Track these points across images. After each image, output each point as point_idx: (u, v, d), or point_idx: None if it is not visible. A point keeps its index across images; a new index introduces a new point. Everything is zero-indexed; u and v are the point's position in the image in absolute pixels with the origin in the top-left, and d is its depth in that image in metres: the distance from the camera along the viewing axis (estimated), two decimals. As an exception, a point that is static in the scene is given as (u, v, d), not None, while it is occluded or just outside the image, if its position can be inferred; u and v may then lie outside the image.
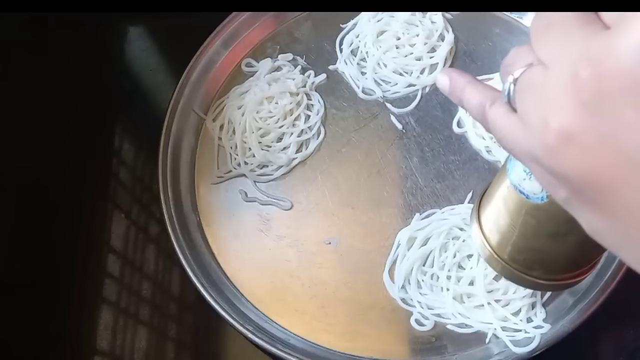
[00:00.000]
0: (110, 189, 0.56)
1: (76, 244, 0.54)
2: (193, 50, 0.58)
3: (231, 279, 0.50)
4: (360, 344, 0.47)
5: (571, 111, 0.21)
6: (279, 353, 0.45)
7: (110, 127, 0.59)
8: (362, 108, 0.56)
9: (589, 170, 0.22)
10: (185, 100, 0.56)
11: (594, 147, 0.21)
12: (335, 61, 0.58)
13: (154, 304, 0.51)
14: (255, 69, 0.58)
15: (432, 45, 0.57)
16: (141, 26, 0.65)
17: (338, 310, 0.48)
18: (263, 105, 0.54)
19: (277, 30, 0.60)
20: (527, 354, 0.44)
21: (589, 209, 0.23)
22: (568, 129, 0.21)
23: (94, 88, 0.61)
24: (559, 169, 0.23)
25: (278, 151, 0.53)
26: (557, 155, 0.22)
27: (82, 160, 0.58)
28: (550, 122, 0.22)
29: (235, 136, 0.54)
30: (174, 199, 0.51)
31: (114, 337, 0.50)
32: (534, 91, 0.23)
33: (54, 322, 0.51)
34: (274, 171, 0.53)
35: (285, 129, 0.54)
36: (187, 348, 0.50)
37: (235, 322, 0.46)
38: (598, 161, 0.21)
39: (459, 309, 0.46)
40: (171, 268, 0.52)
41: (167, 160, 0.53)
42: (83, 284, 0.52)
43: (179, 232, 0.50)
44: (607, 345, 0.48)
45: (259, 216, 0.52)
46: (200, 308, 0.51)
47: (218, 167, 0.54)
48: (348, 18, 0.59)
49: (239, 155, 0.53)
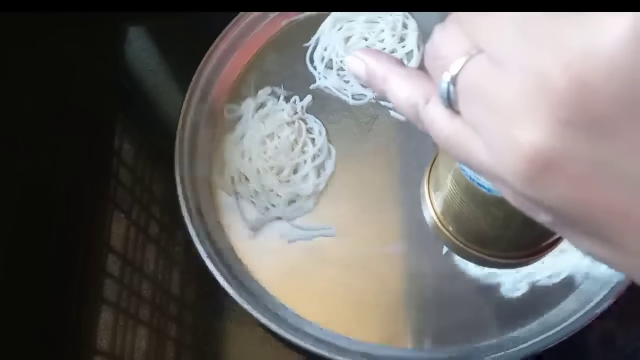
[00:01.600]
0: (110, 189, 0.56)
1: (76, 244, 0.54)
2: (193, 51, 0.58)
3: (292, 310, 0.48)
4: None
5: (549, 131, 0.16)
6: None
7: (110, 127, 0.59)
8: (358, 114, 0.56)
9: (583, 203, 0.17)
10: (187, 167, 0.53)
11: (588, 178, 0.16)
12: (313, 80, 0.57)
13: (154, 304, 0.51)
14: (240, 113, 0.56)
15: (400, 35, 0.58)
16: (141, 26, 0.65)
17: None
18: (266, 144, 0.53)
19: (244, 70, 0.59)
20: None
21: (586, 238, 0.18)
22: (548, 155, 0.16)
23: (94, 88, 0.61)
24: (540, 199, 0.17)
25: (300, 182, 0.52)
26: (535, 185, 0.17)
27: (82, 160, 0.58)
28: (521, 144, 0.16)
29: (251, 183, 0.52)
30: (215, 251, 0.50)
31: (114, 337, 0.50)
32: (488, 98, 0.17)
33: (54, 322, 0.51)
34: (305, 202, 0.52)
35: (297, 159, 0.53)
36: (187, 348, 0.50)
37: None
38: (597, 194, 0.16)
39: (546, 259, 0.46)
40: (171, 268, 0.52)
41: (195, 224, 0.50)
42: (83, 284, 0.52)
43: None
44: (605, 344, 0.48)
45: (308, 251, 0.50)
46: (200, 308, 0.51)
47: (244, 219, 0.52)
48: (308, 36, 0.59)
49: (263, 199, 0.52)
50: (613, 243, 0.17)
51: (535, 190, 0.17)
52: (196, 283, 0.52)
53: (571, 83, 0.15)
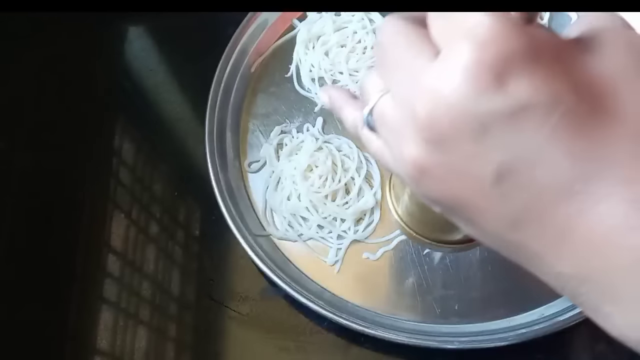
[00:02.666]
0: (110, 189, 0.56)
1: (76, 244, 0.54)
2: (193, 51, 0.58)
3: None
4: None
5: (419, 146, 0.22)
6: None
7: (110, 127, 0.59)
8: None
9: (449, 196, 0.23)
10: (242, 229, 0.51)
11: (445, 178, 0.23)
12: (313, 102, 0.57)
13: (154, 304, 0.51)
14: (261, 163, 0.55)
15: (373, 29, 0.58)
16: (141, 26, 0.65)
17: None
18: (309, 178, 0.52)
19: (244, 124, 0.57)
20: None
21: (463, 223, 0.25)
22: (420, 163, 0.23)
23: (94, 88, 0.61)
24: (426, 194, 0.24)
25: (358, 200, 0.52)
26: (420, 184, 0.24)
27: (81, 160, 0.58)
28: (406, 156, 0.23)
29: (310, 221, 0.51)
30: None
31: (114, 337, 0.50)
32: (387, 123, 0.24)
33: (54, 322, 0.51)
34: (372, 217, 0.52)
35: (345, 180, 0.52)
36: (187, 348, 0.50)
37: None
38: (452, 188, 0.23)
39: None
40: (171, 268, 0.52)
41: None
42: (83, 284, 0.52)
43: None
44: (601, 342, 0.48)
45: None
46: (200, 308, 0.51)
47: (326, 259, 0.51)
48: (285, 68, 0.58)
49: (331, 231, 0.51)
50: (474, 224, 0.24)
51: (420, 187, 0.24)
52: (196, 283, 0.52)
53: (426, 114, 0.21)
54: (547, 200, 0.21)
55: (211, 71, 0.56)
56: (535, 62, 0.20)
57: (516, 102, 0.20)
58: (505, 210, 0.22)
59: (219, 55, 0.57)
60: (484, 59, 0.20)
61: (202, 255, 0.53)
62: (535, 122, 0.20)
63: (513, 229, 0.22)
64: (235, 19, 0.58)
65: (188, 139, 0.58)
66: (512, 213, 0.22)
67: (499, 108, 0.20)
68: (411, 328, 0.47)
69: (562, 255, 0.22)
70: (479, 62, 0.20)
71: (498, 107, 0.20)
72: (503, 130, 0.21)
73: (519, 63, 0.20)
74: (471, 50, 0.20)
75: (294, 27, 0.60)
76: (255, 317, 0.50)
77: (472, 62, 0.20)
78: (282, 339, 0.49)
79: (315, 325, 0.49)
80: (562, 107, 0.20)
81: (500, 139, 0.21)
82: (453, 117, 0.21)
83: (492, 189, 0.22)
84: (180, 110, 0.59)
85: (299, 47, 0.59)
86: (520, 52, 0.20)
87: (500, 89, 0.20)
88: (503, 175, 0.21)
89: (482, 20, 0.20)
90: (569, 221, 0.21)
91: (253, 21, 0.59)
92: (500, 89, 0.20)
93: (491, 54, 0.20)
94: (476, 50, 0.20)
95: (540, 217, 0.22)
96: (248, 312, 0.50)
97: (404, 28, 0.23)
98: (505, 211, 0.22)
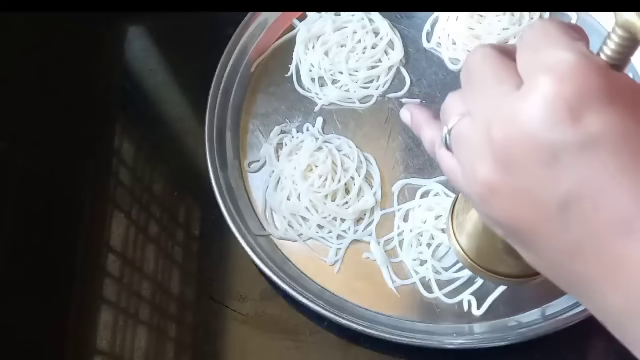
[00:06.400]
0: (110, 189, 0.56)
1: (76, 244, 0.54)
2: (193, 51, 0.58)
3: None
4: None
5: (491, 167, 0.24)
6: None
7: (110, 127, 0.59)
8: (374, 115, 0.56)
9: (513, 217, 0.25)
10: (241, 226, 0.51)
11: (512, 199, 0.24)
12: (313, 102, 0.57)
13: (154, 304, 0.51)
14: (261, 163, 0.55)
15: (373, 29, 0.58)
16: (141, 26, 0.65)
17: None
18: (309, 178, 0.52)
19: (244, 124, 0.57)
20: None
21: (520, 247, 0.26)
22: (490, 182, 0.24)
23: (94, 88, 0.61)
24: (490, 215, 0.26)
25: (358, 200, 0.52)
26: (486, 203, 0.25)
27: (82, 160, 0.58)
28: (477, 175, 0.25)
29: (310, 221, 0.51)
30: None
31: (114, 337, 0.50)
32: (464, 143, 0.26)
33: (54, 322, 0.51)
34: (372, 217, 0.51)
35: (345, 180, 0.52)
36: (187, 348, 0.50)
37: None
38: (517, 211, 0.24)
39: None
40: (171, 268, 0.52)
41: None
42: (83, 284, 0.52)
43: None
44: (601, 341, 0.48)
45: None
46: (200, 308, 0.51)
47: (326, 259, 0.50)
48: (285, 68, 0.58)
49: (331, 230, 0.51)
50: (533, 249, 0.25)
51: (485, 207, 0.25)
52: (196, 283, 0.52)
53: (502, 137, 0.23)
54: (606, 233, 0.22)
55: (211, 71, 0.56)
56: (612, 102, 0.22)
57: (588, 136, 0.21)
58: (566, 237, 0.23)
59: (219, 55, 0.57)
60: (564, 92, 0.22)
61: (202, 255, 0.53)
62: (604, 157, 0.22)
63: (570, 257, 0.23)
64: (235, 19, 0.58)
65: (188, 139, 0.58)
66: (571, 241, 0.23)
67: (571, 140, 0.22)
68: (411, 328, 0.47)
69: (617, 287, 0.22)
70: (558, 95, 0.22)
71: (570, 139, 0.22)
72: (573, 161, 0.22)
73: (596, 101, 0.21)
74: (553, 83, 0.22)
75: (294, 27, 0.60)
76: (255, 317, 0.50)
77: (552, 94, 0.22)
78: (282, 339, 0.49)
79: (315, 325, 0.49)
80: (631, 147, 0.22)
81: (570, 170, 0.22)
82: (527, 143, 0.22)
83: (556, 216, 0.23)
84: (180, 110, 0.60)
85: (299, 47, 0.59)
86: (599, 91, 0.22)
87: (575, 122, 0.21)
88: (568, 203, 0.22)
89: (568, 57, 0.22)
90: (626, 256, 0.22)
91: (253, 21, 0.59)
92: (575, 123, 0.21)
93: (571, 89, 0.21)
94: (557, 84, 0.22)
95: (598, 248, 0.22)
96: (248, 312, 0.50)
97: (492, 56, 0.25)
98: (565, 238, 0.23)
